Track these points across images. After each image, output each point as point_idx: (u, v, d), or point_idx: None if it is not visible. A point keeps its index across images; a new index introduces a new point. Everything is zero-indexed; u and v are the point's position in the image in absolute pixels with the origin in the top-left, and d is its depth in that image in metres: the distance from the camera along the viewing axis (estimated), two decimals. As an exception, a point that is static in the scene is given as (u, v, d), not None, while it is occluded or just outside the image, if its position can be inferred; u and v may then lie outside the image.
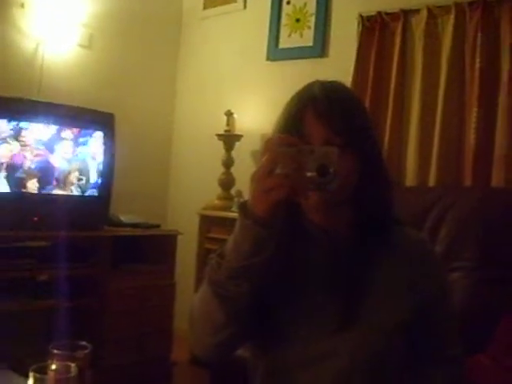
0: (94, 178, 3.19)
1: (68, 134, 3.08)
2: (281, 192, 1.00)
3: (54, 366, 1.11)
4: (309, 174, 1.00)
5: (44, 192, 3.01)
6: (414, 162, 2.93)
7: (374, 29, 3.12)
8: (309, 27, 3.47)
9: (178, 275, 3.47)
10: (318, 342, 1.18)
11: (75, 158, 3.11)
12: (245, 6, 3.87)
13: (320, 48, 3.41)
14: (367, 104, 3.07)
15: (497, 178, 2.69)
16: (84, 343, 1.19)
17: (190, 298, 1.17)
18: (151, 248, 3.40)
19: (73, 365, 1.10)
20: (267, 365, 1.25)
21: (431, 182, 2.85)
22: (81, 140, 3.13)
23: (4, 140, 2.85)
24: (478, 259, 2.27)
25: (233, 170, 3.62)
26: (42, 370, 1.07)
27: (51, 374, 1.09)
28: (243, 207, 1.05)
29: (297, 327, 1.20)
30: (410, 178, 2.93)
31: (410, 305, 1.20)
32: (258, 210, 1.03)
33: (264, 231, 1.04)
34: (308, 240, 1.24)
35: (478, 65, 2.76)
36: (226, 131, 3.62)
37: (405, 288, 1.21)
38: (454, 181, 2.82)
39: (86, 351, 1.18)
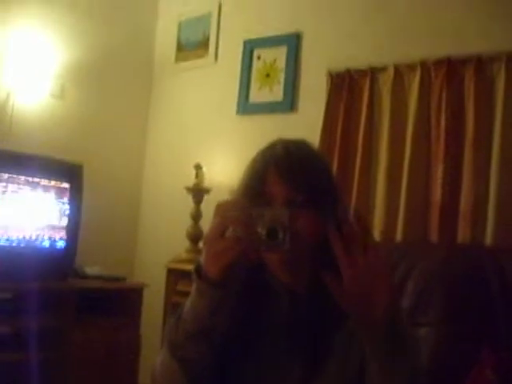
0: (60, 229, 3.14)
1: (35, 185, 3.05)
2: (231, 254, 1.03)
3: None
4: (260, 237, 1.03)
5: (8, 244, 2.96)
6: (381, 217, 2.94)
7: (343, 85, 3.17)
8: (278, 82, 3.52)
9: (144, 328, 3.41)
10: None
11: (42, 210, 3.08)
12: (216, 60, 3.92)
13: (289, 103, 3.46)
14: (335, 159, 3.11)
15: (462, 234, 2.71)
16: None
17: (156, 352, 1.16)
18: (117, 301, 3.34)
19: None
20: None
21: (398, 237, 2.86)
22: (48, 191, 3.10)
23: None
24: (443, 316, 2.27)
25: (201, 223, 3.60)
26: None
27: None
28: (198, 269, 1.07)
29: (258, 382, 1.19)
30: (377, 234, 2.93)
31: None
32: (211, 273, 1.05)
33: (218, 292, 1.06)
34: (271, 297, 1.23)
35: (443, 122, 2.81)
36: (194, 185, 3.61)
37: None
38: (420, 236, 2.84)
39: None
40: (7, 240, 2.96)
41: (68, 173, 3.19)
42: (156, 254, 3.92)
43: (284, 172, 1.17)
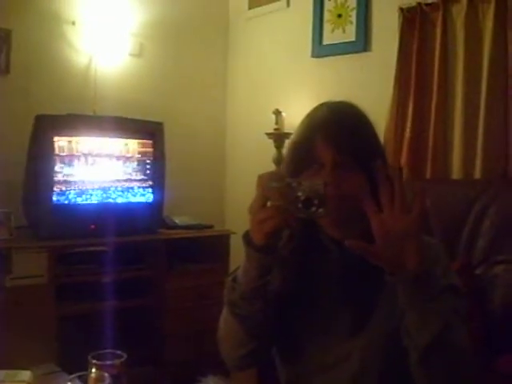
0: (147, 185, 3.33)
1: (122, 145, 3.25)
2: (273, 223, 1.12)
3: (92, 375, 1.23)
4: (297, 206, 1.12)
5: (100, 201, 3.18)
6: (459, 154, 2.88)
7: (415, 21, 3.07)
8: (351, 22, 3.46)
9: (233, 273, 3.56)
10: (332, 349, 1.28)
11: (129, 168, 3.28)
12: (288, 4, 3.89)
13: (363, 42, 3.40)
14: (411, 96, 3.07)
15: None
16: (120, 352, 1.30)
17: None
18: (206, 248, 3.52)
19: (106, 374, 1.21)
20: (288, 372, 1.37)
21: (477, 174, 2.82)
22: (133, 150, 3.28)
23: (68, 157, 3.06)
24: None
25: (284, 167, 3.67)
26: (82, 378, 1.20)
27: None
28: (246, 236, 1.17)
29: (312, 335, 1.29)
30: (456, 171, 2.90)
31: None
32: (256, 239, 1.15)
33: (265, 257, 1.16)
34: (323, 253, 1.32)
35: (521, 52, 2.71)
36: (275, 130, 3.68)
37: None
38: (500, 173, 2.78)
39: (122, 359, 1.29)
40: (99, 198, 3.18)
41: (150, 131, 3.34)
42: (243, 200, 4.02)
43: (330, 136, 1.23)
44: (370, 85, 3.30)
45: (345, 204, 1.19)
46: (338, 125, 1.25)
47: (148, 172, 3.32)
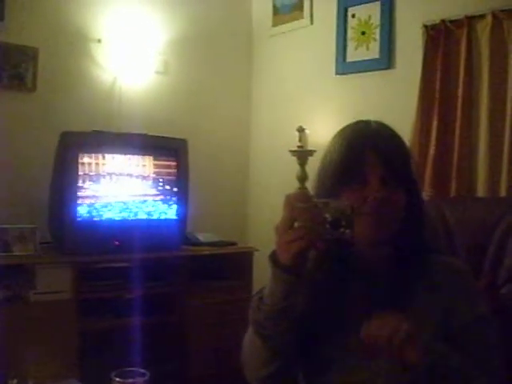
0: (170, 202, 3.35)
1: (145, 161, 3.27)
2: (300, 244, 1.10)
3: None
4: (324, 227, 1.11)
5: (125, 218, 3.20)
6: (484, 171, 2.87)
7: (439, 38, 3.08)
8: (374, 39, 3.47)
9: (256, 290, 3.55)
10: (356, 370, 1.26)
11: (152, 185, 3.29)
12: (312, 22, 3.91)
13: (386, 60, 3.40)
14: (435, 113, 3.06)
15: None
16: (143, 370, 1.29)
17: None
18: (229, 265, 3.53)
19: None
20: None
21: (502, 192, 2.79)
22: (157, 167, 3.31)
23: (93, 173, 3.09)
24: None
25: (308, 184, 3.66)
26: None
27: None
28: (272, 256, 1.16)
29: (337, 356, 1.28)
30: (481, 189, 2.87)
31: (443, 333, 1.24)
32: (283, 259, 1.14)
33: (291, 278, 1.15)
34: (350, 274, 1.31)
35: (546, 69, 2.69)
36: (298, 147, 3.66)
37: (440, 317, 1.26)
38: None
39: (145, 378, 1.28)
40: (123, 215, 3.20)
41: (174, 148, 3.36)
42: (266, 217, 4.03)
43: (383, 152, 1.24)
44: (394, 102, 3.29)
45: (383, 223, 1.20)
46: (390, 142, 1.27)
47: (172, 189, 3.33)
